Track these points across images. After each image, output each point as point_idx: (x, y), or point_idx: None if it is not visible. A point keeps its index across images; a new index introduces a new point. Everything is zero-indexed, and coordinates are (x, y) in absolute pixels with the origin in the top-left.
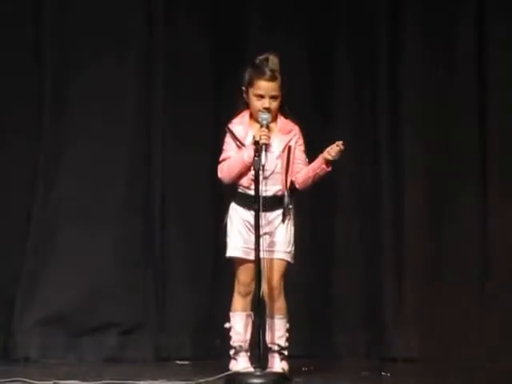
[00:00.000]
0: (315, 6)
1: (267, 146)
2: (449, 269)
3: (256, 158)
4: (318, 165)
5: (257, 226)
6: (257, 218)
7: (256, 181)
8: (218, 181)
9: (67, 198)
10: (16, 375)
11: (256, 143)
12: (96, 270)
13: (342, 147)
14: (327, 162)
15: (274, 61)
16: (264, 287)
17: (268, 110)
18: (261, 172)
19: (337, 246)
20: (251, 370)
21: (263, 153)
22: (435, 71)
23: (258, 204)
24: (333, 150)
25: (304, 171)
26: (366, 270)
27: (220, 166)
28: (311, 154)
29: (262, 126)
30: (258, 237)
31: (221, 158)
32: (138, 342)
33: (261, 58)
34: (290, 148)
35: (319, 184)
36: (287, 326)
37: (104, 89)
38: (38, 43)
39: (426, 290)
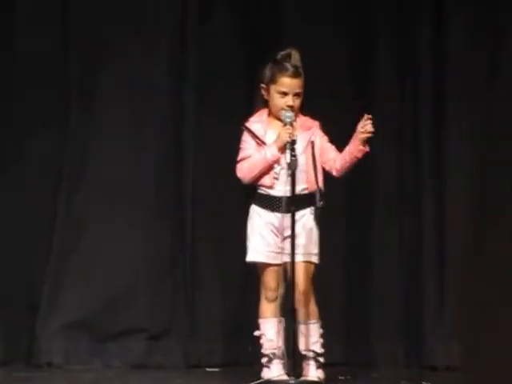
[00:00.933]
0: (356, 7)
1: (293, 143)
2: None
3: (293, 158)
4: (355, 147)
5: (292, 228)
6: (293, 220)
7: (292, 181)
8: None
9: (93, 201)
10: (39, 381)
11: (293, 142)
12: (123, 274)
13: (370, 119)
14: (363, 142)
15: (296, 56)
16: (296, 293)
17: (291, 107)
18: (284, 171)
19: (374, 247)
20: (285, 377)
21: (287, 151)
22: (480, 69)
23: (294, 205)
24: (365, 126)
25: (340, 157)
26: (405, 272)
27: (239, 166)
28: None
29: (285, 125)
30: (293, 239)
31: (239, 157)
32: (167, 348)
33: (282, 53)
34: (312, 143)
35: (356, 181)
36: (321, 331)
37: (132, 86)
38: (66, 36)
39: (469, 293)
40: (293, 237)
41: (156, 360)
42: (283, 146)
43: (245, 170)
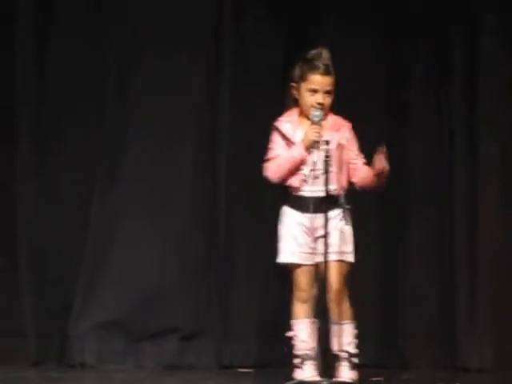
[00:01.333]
0: (391, 7)
1: (318, 143)
2: None
3: (327, 159)
4: (373, 175)
5: (326, 227)
6: (326, 220)
7: (326, 181)
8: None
9: (127, 200)
10: (72, 381)
11: (326, 142)
12: (156, 274)
13: (384, 153)
14: (379, 175)
15: (326, 55)
16: (329, 293)
17: (321, 105)
18: (312, 172)
19: (408, 248)
20: (317, 378)
21: (314, 150)
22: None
23: (324, 205)
24: (381, 162)
25: (361, 173)
26: (438, 274)
27: (267, 165)
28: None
29: (313, 123)
30: (326, 239)
31: (268, 157)
32: (200, 349)
33: (313, 52)
34: (342, 146)
35: (391, 181)
36: (355, 331)
37: (168, 85)
38: (102, 36)
39: (502, 294)
40: (326, 236)
41: (188, 360)
42: (310, 145)
43: (272, 169)
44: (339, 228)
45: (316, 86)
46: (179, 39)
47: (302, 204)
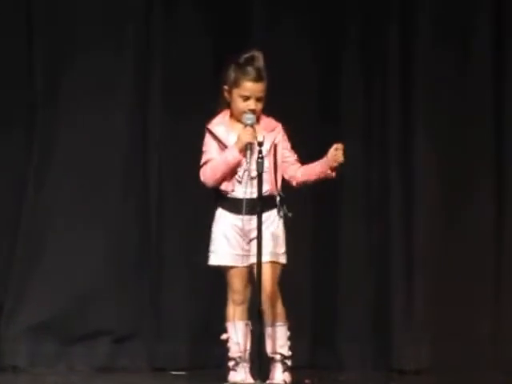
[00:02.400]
0: (323, 2)
1: (252, 145)
2: (462, 274)
3: (259, 160)
4: (323, 170)
5: (259, 229)
6: (259, 221)
7: (259, 183)
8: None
9: (57, 201)
10: None
11: (260, 144)
12: (88, 277)
13: (342, 148)
14: (332, 169)
15: (259, 60)
16: (263, 295)
17: (253, 111)
18: (246, 174)
19: (342, 249)
20: (251, 381)
21: (248, 152)
22: (448, 69)
23: (257, 206)
24: (337, 156)
25: (304, 171)
26: (373, 275)
27: (202, 170)
28: (317, 154)
29: (246, 126)
30: (260, 240)
31: (202, 161)
32: (132, 351)
33: (245, 56)
34: (275, 146)
35: (323, 182)
36: (288, 333)
37: (98, 83)
38: (30, 34)
39: (439, 295)
40: (259, 238)
41: (121, 363)
42: (244, 147)
43: (207, 174)
44: (272, 230)
45: (248, 93)
46: (109, 37)
47: (236, 206)
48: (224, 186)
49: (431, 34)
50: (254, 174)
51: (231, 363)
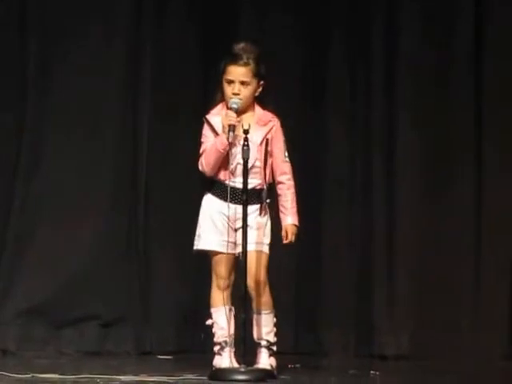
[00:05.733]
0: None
1: (234, 127)
2: (442, 263)
3: (245, 148)
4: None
5: (244, 218)
6: (245, 210)
7: (245, 172)
8: (200, 173)
9: (48, 190)
10: None
11: (245, 132)
12: (77, 262)
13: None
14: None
15: (247, 48)
16: (249, 282)
17: (237, 95)
18: (240, 164)
19: (325, 238)
20: (236, 365)
21: (230, 133)
22: (432, 59)
23: (247, 197)
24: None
25: (286, 202)
26: (356, 263)
27: (200, 159)
28: (301, 144)
29: (230, 109)
30: (245, 229)
31: (200, 152)
32: (120, 335)
33: (235, 46)
34: (267, 141)
35: (307, 174)
36: (275, 320)
37: (89, 76)
38: (23, 28)
39: (417, 285)
40: (244, 227)
41: (109, 347)
42: (225, 130)
43: (203, 163)
44: (259, 220)
45: (231, 77)
46: (101, 35)
47: (225, 193)
48: (222, 176)
49: (416, 21)
50: (250, 163)
51: (216, 348)
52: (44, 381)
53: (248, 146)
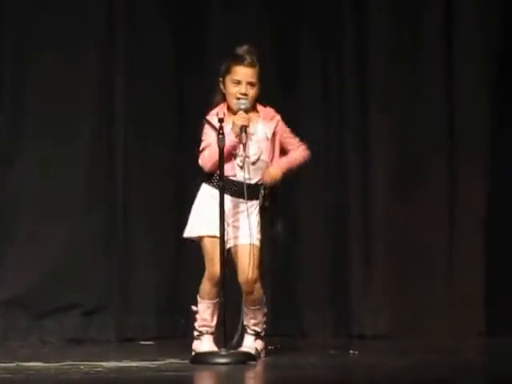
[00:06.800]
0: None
1: (246, 128)
2: (417, 243)
3: (220, 136)
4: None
5: (221, 205)
6: (221, 199)
7: (220, 159)
8: (199, 167)
9: (28, 182)
10: None
11: (220, 120)
12: (58, 251)
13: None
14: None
15: (251, 50)
16: (249, 273)
17: (245, 95)
18: (247, 160)
19: (301, 219)
20: (215, 349)
21: (243, 134)
22: (401, 42)
23: (250, 192)
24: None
25: (286, 156)
26: (332, 244)
27: (201, 155)
28: None
29: (239, 110)
30: (239, 224)
31: (201, 147)
32: (101, 323)
33: (239, 48)
34: (275, 135)
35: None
36: (265, 310)
37: (63, 76)
38: None
39: (394, 264)
40: (221, 213)
41: (91, 335)
42: (239, 131)
43: (205, 159)
44: (254, 216)
45: (239, 77)
46: (75, 30)
47: (231, 188)
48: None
49: (387, 9)
50: (253, 159)
51: (196, 333)
52: (29, 369)
53: (223, 134)
